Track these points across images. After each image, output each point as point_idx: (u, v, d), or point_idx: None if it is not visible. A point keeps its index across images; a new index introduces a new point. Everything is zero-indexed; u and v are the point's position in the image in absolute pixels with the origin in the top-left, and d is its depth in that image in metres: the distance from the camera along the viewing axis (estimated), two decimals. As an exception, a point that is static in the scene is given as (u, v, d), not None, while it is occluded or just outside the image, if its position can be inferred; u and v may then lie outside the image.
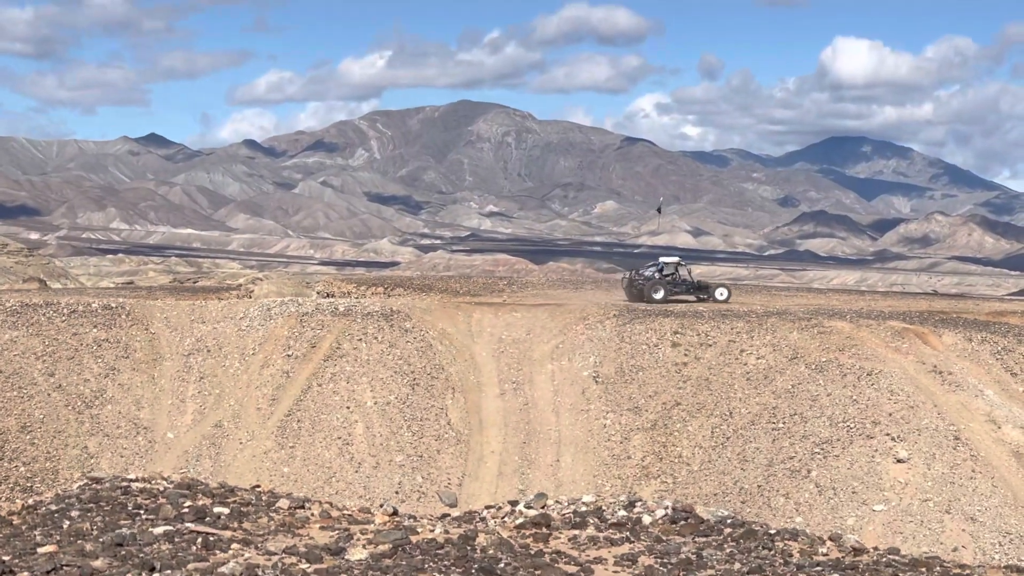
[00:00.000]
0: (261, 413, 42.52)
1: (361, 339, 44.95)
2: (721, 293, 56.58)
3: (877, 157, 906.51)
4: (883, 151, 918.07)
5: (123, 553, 16.26)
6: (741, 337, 44.22)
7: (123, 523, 18.09)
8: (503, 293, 58.55)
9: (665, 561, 17.37)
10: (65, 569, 15.41)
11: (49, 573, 15.17)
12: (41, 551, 16.30)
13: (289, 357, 44.65)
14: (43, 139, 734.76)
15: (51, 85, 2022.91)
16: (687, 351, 43.97)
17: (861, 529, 34.26)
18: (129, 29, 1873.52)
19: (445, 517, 21.17)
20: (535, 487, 38.11)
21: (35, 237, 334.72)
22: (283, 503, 20.33)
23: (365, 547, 17.52)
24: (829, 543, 19.22)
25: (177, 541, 17.11)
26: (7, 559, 15.83)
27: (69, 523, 18.15)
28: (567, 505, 20.91)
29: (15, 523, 18.41)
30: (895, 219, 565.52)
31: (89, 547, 16.57)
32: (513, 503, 21.46)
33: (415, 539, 18.07)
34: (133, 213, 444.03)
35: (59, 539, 17.12)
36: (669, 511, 20.14)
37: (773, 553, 18.17)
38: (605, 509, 20.42)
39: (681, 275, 56.90)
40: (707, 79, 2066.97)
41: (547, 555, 17.64)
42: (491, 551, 17.49)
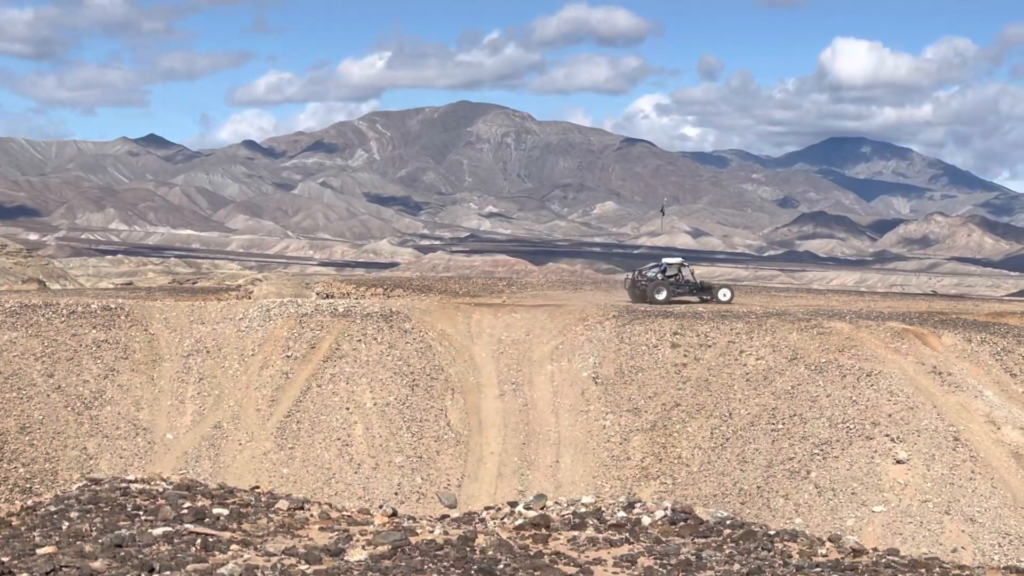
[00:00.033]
0: (260, 414, 42.51)
1: (360, 340, 44.94)
2: (724, 294, 56.57)
3: (876, 158, 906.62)
4: (882, 152, 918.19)
5: (122, 554, 16.27)
6: (740, 338, 44.21)
7: (122, 524, 18.09)
8: (502, 294, 58.55)
9: (664, 562, 17.37)
10: (64, 570, 15.41)
11: (48, 574, 15.18)
12: (40, 552, 16.30)
13: (288, 358, 44.64)
14: (42, 140, 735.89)
15: (50, 86, 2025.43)
16: (686, 352, 43.96)
17: (860, 530, 34.25)
18: (128, 30, 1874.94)
19: (444, 518, 21.17)
20: (534, 488, 38.09)
21: (34, 238, 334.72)
22: (282, 504, 20.32)
23: (364, 548, 17.52)
24: (828, 544, 19.22)
25: (176, 542, 17.11)
26: (6, 560, 15.82)
27: (68, 524, 18.14)
28: (566, 506, 20.90)
29: (14, 524, 18.40)
30: (894, 220, 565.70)
31: (88, 548, 16.57)
32: (512, 504, 21.45)
33: (414, 540, 18.07)
34: (132, 214, 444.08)
35: (58, 540, 17.11)
36: (668, 512, 20.13)
37: (772, 554, 18.17)
38: (604, 510, 20.41)
39: (684, 276, 56.90)
40: (706, 80, 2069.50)
41: (546, 556, 17.64)
42: (490, 552, 17.49)
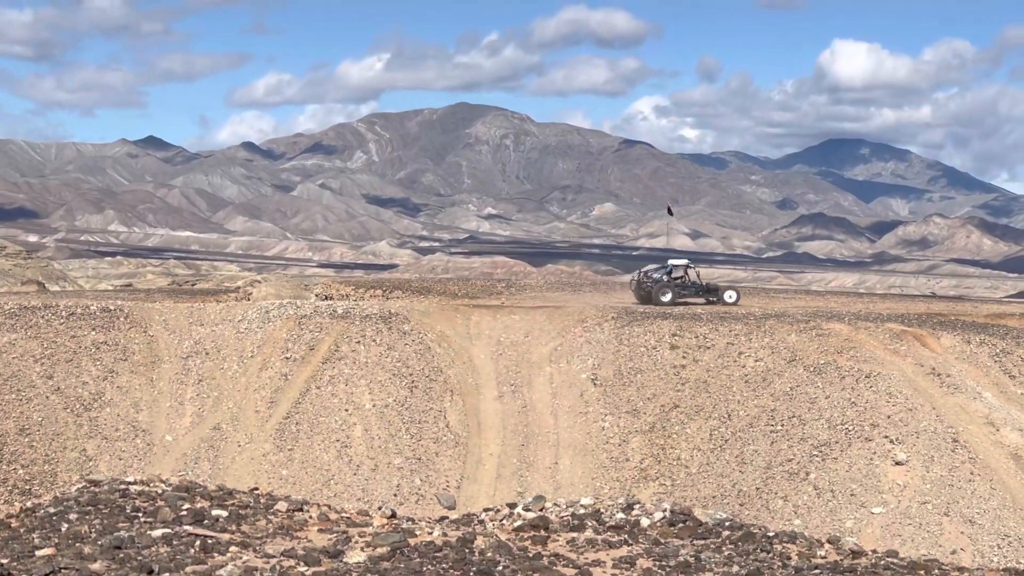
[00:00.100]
0: (259, 416, 42.51)
1: (359, 341, 44.94)
2: (730, 295, 56.50)
3: (875, 159, 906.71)
4: (881, 153, 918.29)
5: (121, 556, 16.26)
6: (739, 339, 44.22)
7: (121, 526, 18.09)
8: (501, 295, 58.56)
9: (663, 564, 17.37)
10: (63, 572, 15.41)
11: (47, 576, 15.18)
12: (39, 554, 16.30)
13: (287, 360, 44.64)
14: (41, 141, 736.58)
15: (49, 87, 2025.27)
16: (685, 353, 43.97)
17: (860, 532, 34.26)
18: (127, 31, 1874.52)
19: (443, 519, 21.16)
20: (533, 489, 38.09)
21: (33, 240, 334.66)
22: (281, 506, 20.31)
23: (363, 550, 17.52)
24: (827, 546, 19.21)
25: (175, 544, 17.11)
26: (5, 562, 15.83)
27: (67, 526, 18.13)
28: (565, 507, 20.89)
29: (13, 526, 18.40)
30: (893, 221, 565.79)
31: (87, 550, 16.56)
32: (511, 505, 21.44)
33: (413, 542, 18.07)
34: (131, 215, 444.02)
35: (57, 542, 17.11)
36: (667, 514, 20.13)
37: (771, 556, 18.18)
38: (603, 511, 20.41)
39: (690, 277, 56.87)
40: (705, 82, 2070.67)
41: (545, 558, 17.65)
42: (489, 553, 17.49)
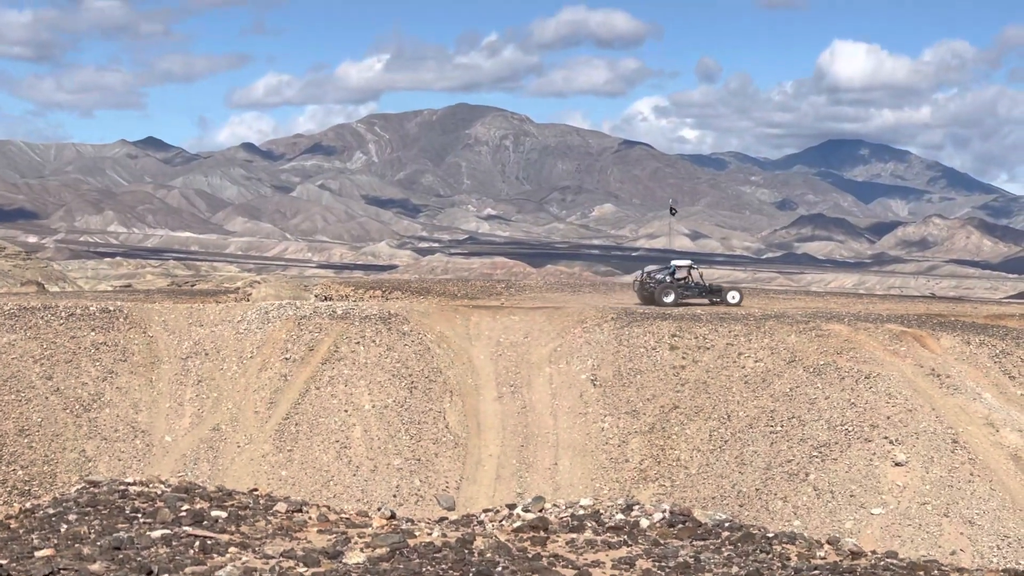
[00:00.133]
0: (259, 416, 42.50)
1: (359, 342, 44.93)
2: (733, 296, 56.41)
3: (875, 160, 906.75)
4: (881, 154, 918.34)
5: (121, 557, 16.26)
6: (739, 340, 44.21)
7: (121, 527, 18.08)
8: (501, 296, 58.54)
9: (663, 564, 17.37)
10: (63, 573, 15.41)
11: (47, 577, 15.18)
12: (39, 555, 16.29)
13: (287, 360, 44.64)
14: (41, 142, 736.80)
15: (49, 88, 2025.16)
16: (685, 354, 43.97)
17: (859, 532, 34.26)
18: (127, 32, 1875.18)
19: (443, 520, 21.16)
20: (533, 490, 38.08)
21: (33, 240, 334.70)
22: (281, 507, 20.31)
23: (363, 551, 17.52)
24: (827, 547, 19.21)
25: (175, 545, 17.10)
26: (4, 563, 15.82)
27: (67, 527, 18.13)
28: (565, 508, 20.89)
29: (12, 527, 18.39)
30: (893, 222, 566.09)
31: (87, 551, 16.56)
32: (511, 506, 21.44)
33: (413, 542, 18.07)
34: (131, 216, 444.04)
35: (56, 543, 17.11)
36: (667, 514, 20.12)
37: (771, 557, 18.18)
38: (603, 512, 20.40)
39: (693, 278, 56.79)
40: (705, 82, 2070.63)
41: (545, 558, 17.65)
42: (489, 554, 17.49)
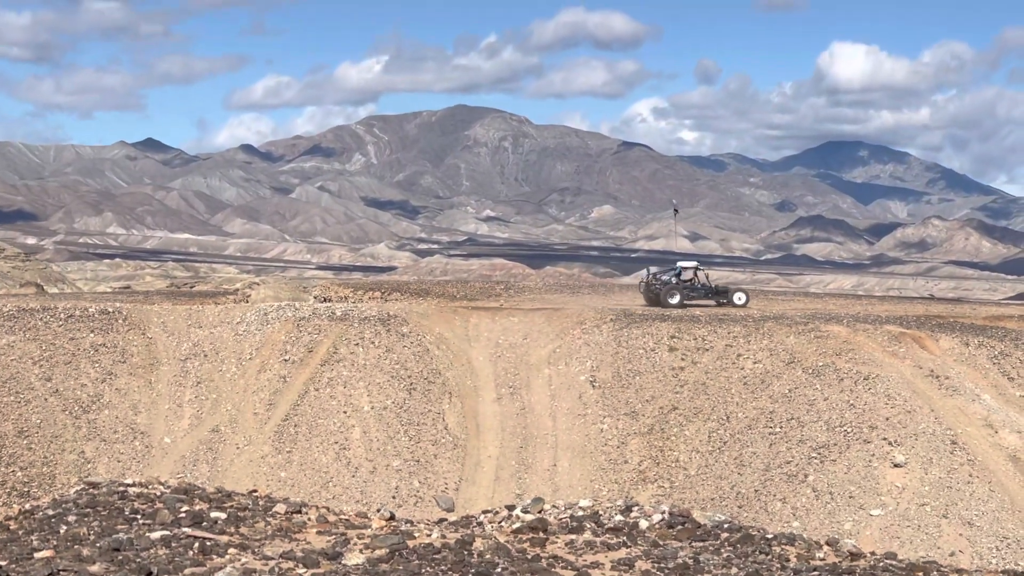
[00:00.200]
0: (258, 418, 42.50)
1: (358, 344, 44.94)
2: (739, 298, 56.36)
3: (874, 162, 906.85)
4: (880, 156, 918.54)
5: (120, 558, 16.25)
6: (738, 341, 44.23)
7: (120, 528, 18.07)
8: (500, 298, 58.54)
9: (662, 566, 17.36)
10: (62, 574, 15.40)
11: (46, 578, 15.18)
12: (38, 556, 16.28)
13: (286, 362, 44.64)
14: (40, 144, 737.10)
15: (48, 90, 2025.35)
16: (684, 355, 43.98)
17: (858, 534, 34.26)
18: (126, 33, 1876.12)
19: (442, 522, 21.14)
20: (532, 491, 38.09)
21: (32, 242, 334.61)
22: (280, 508, 20.29)
23: (362, 552, 17.51)
24: (826, 548, 19.20)
25: (174, 546, 17.09)
26: (4, 564, 15.83)
27: (66, 528, 18.11)
28: (564, 510, 20.87)
29: (12, 528, 18.38)
30: (892, 223, 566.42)
31: (86, 552, 16.55)
32: (510, 507, 21.42)
33: (412, 544, 18.06)
34: (130, 218, 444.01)
35: (56, 544, 17.10)
36: (666, 516, 20.10)
37: (770, 558, 18.17)
38: (602, 514, 20.39)
39: (699, 279, 56.77)
40: (704, 84, 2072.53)
41: (544, 560, 17.64)
42: (488, 556, 17.49)
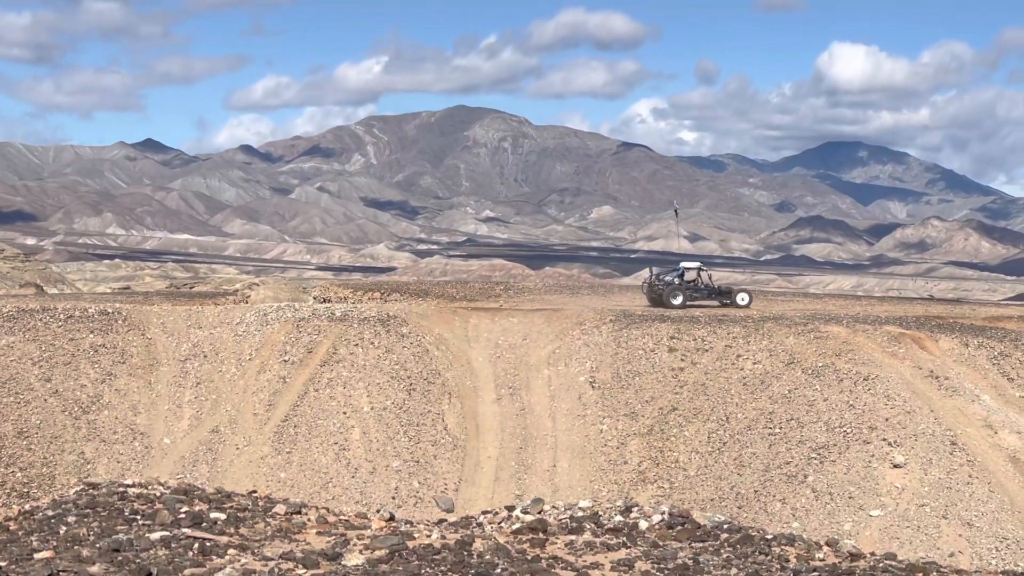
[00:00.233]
0: (258, 418, 42.50)
1: (358, 344, 44.94)
2: (743, 298, 56.42)
3: (873, 162, 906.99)
4: (879, 156, 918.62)
5: (120, 559, 16.25)
6: (737, 342, 44.23)
7: (120, 529, 18.07)
8: (500, 298, 58.54)
9: (662, 566, 17.37)
10: (62, 574, 15.41)
11: (45, 579, 15.18)
12: (38, 557, 16.29)
13: (286, 362, 44.64)
14: (39, 144, 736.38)
15: (48, 90, 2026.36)
16: (683, 356, 43.98)
17: (858, 534, 34.26)
18: (126, 34, 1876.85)
19: (442, 522, 21.14)
20: (532, 492, 38.09)
21: (31, 242, 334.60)
22: (280, 508, 20.29)
23: (362, 552, 17.52)
24: (826, 548, 19.21)
25: (174, 547, 17.09)
26: (4, 565, 15.83)
27: (66, 528, 18.12)
28: (564, 510, 20.88)
29: (12, 529, 18.38)
30: (891, 224, 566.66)
31: (86, 553, 16.56)
32: (510, 508, 21.42)
33: (412, 544, 18.07)
34: (130, 218, 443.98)
35: (56, 545, 17.10)
36: (666, 516, 20.11)
37: (769, 558, 18.18)
38: (602, 514, 20.40)
39: (702, 280, 56.80)
40: (704, 84, 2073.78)
41: (544, 560, 17.65)
42: (488, 556, 17.50)
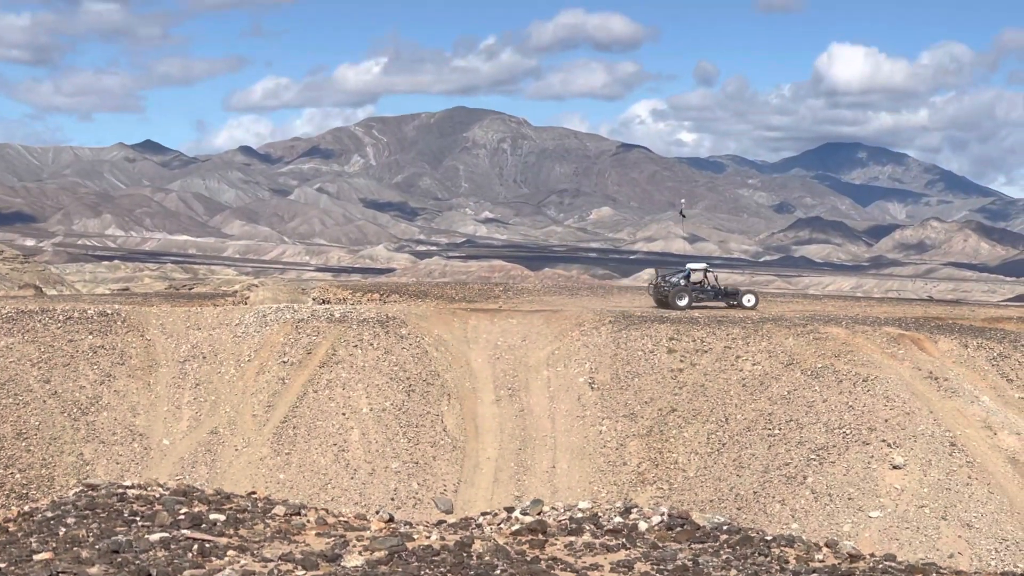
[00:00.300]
0: (257, 420, 42.49)
1: (357, 345, 44.93)
2: (748, 299, 56.31)
3: (872, 163, 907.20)
4: (878, 157, 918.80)
5: (119, 560, 16.25)
6: (737, 343, 44.23)
7: (119, 530, 18.07)
8: (499, 299, 58.54)
9: (661, 568, 17.37)
10: (61, 576, 15.40)
11: (45, 580, 15.17)
12: (37, 558, 16.29)
13: (285, 364, 44.63)
14: (39, 145, 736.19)
15: (47, 91, 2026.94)
16: (683, 357, 43.98)
17: (857, 535, 34.26)
18: (125, 35, 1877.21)
19: (441, 524, 21.15)
20: (531, 493, 38.08)
21: (31, 244, 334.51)
22: (279, 510, 20.29)
23: (361, 554, 17.52)
24: (825, 550, 19.21)
25: (173, 548, 17.09)
26: (3, 566, 15.82)
27: (65, 530, 18.11)
28: (563, 511, 20.88)
29: (11, 530, 18.38)
30: (891, 225, 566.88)
31: (85, 554, 16.55)
32: (509, 509, 21.42)
33: (411, 546, 18.07)
34: (129, 219, 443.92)
35: (55, 546, 17.10)
36: (665, 517, 20.11)
37: (769, 560, 18.18)
38: (601, 515, 20.39)
39: (708, 281, 56.77)
40: (703, 85, 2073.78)
41: (543, 561, 17.65)
42: (487, 558, 17.49)
